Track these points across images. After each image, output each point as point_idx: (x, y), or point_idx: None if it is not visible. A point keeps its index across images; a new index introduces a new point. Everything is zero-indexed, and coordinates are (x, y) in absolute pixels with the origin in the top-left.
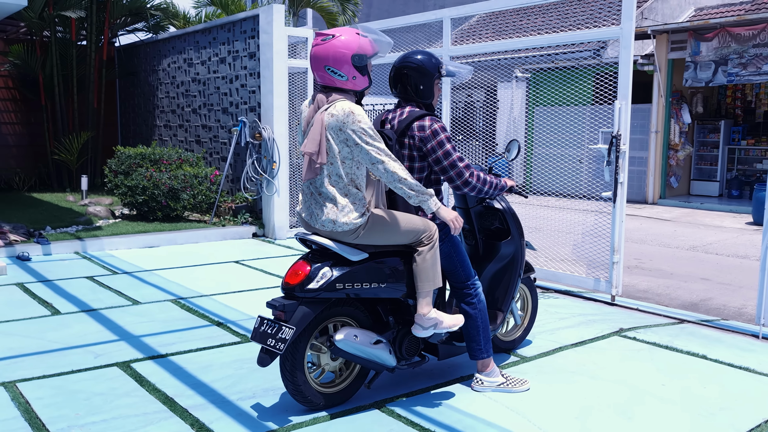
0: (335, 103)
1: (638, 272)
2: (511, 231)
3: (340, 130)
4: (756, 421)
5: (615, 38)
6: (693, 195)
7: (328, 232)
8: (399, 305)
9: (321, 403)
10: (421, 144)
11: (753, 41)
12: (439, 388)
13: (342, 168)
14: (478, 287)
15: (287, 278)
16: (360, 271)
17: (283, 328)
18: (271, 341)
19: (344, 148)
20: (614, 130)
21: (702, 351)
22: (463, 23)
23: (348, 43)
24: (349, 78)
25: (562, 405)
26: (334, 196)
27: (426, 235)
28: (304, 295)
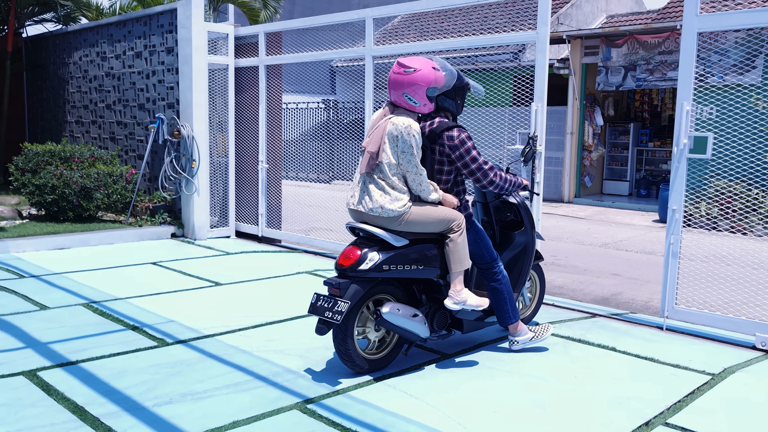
0: (397, 116)
1: (554, 269)
2: (524, 222)
3: (397, 138)
4: (660, 408)
5: (532, 42)
6: (605, 194)
7: (375, 217)
8: (431, 285)
9: (366, 367)
10: (450, 151)
11: (659, 48)
12: (360, 387)
13: (393, 167)
14: (501, 266)
15: (341, 260)
16: (402, 254)
17: (338, 302)
18: (329, 313)
19: (396, 153)
20: (531, 130)
21: (612, 343)
22: (387, 23)
23: (426, 76)
24: (421, 104)
25: (481, 400)
26: (384, 186)
27: (456, 224)
28: (355, 275)
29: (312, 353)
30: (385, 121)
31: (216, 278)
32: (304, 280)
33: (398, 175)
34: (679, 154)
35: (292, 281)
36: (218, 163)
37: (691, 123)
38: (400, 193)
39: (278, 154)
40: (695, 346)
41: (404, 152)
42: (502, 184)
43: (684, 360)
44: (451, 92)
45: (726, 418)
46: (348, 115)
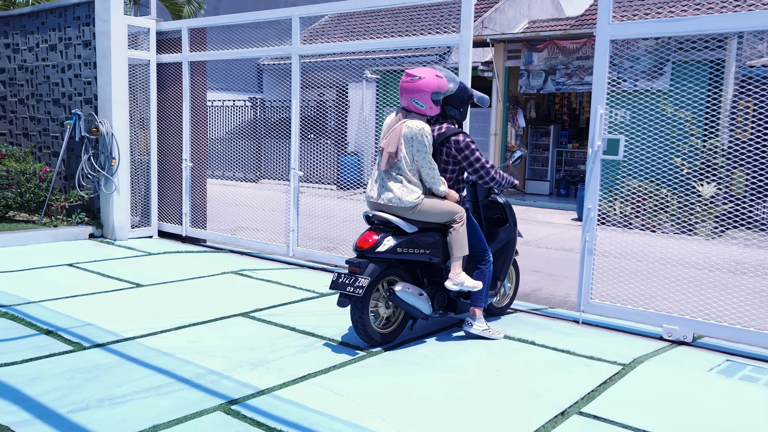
0: (411, 120)
1: None
2: (509, 220)
3: (412, 138)
4: (575, 398)
5: (456, 45)
6: (528, 193)
7: (393, 207)
8: (431, 269)
9: (378, 339)
10: (456, 153)
11: (577, 54)
12: (285, 387)
13: (410, 164)
14: (490, 255)
15: (360, 243)
16: (413, 240)
17: (359, 279)
18: (350, 288)
19: (411, 152)
20: None
21: (531, 337)
22: (315, 22)
23: (429, 83)
24: (427, 108)
25: (405, 395)
26: (402, 180)
27: (458, 216)
28: (373, 256)
29: (237, 354)
30: (400, 125)
31: (137, 279)
32: (229, 280)
33: (413, 171)
34: (594, 156)
35: (217, 281)
36: (140, 161)
37: (605, 126)
38: (416, 187)
39: (203, 153)
40: (608, 338)
41: (419, 150)
42: (500, 180)
43: (598, 352)
44: (457, 102)
45: (635, 404)
46: (275, 113)
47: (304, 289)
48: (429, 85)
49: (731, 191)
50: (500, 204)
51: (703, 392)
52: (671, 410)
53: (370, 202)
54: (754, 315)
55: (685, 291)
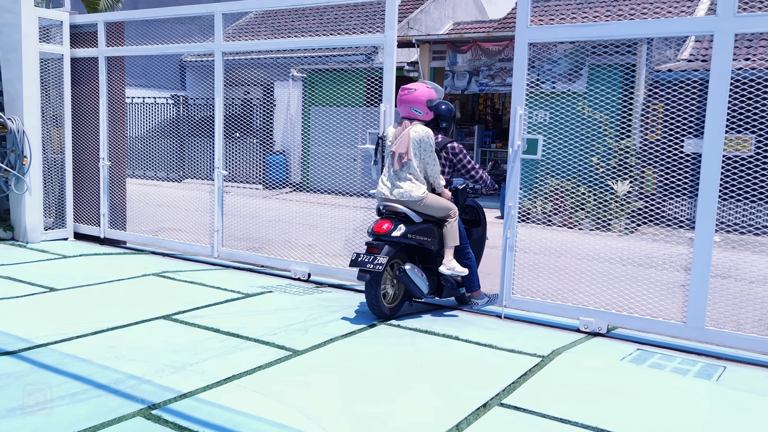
0: (416, 126)
1: None
2: (481, 221)
3: (420, 141)
4: (496, 390)
5: (380, 45)
6: None
7: (403, 201)
8: (427, 256)
9: (387, 313)
10: (452, 157)
11: (499, 56)
12: (209, 389)
13: (417, 164)
14: (469, 249)
15: (376, 229)
16: (420, 228)
17: (377, 257)
18: (370, 265)
19: (419, 152)
20: (380, 131)
21: (455, 333)
22: (239, 19)
23: (423, 93)
24: (424, 113)
25: (331, 393)
26: (411, 178)
27: (453, 211)
28: (388, 239)
29: (158, 357)
30: (408, 130)
31: (51, 283)
32: (150, 282)
33: (420, 169)
34: (514, 155)
35: (137, 284)
36: (53, 160)
37: (525, 126)
38: (422, 184)
39: (122, 151)
40: (529, 331)
41: (426, 150)
42: (487, 180)
43: (519, 345)
44: (448, 118)
45: (553, 394)
46: (199, 111)
47: (229, 290)
48: (423, 94)
49: (643, 189)
50: (475, 208)
51: (615, 380)
52: (586, 398)
53: (381, 198)
54: (663, 306)
55: (600, 284)
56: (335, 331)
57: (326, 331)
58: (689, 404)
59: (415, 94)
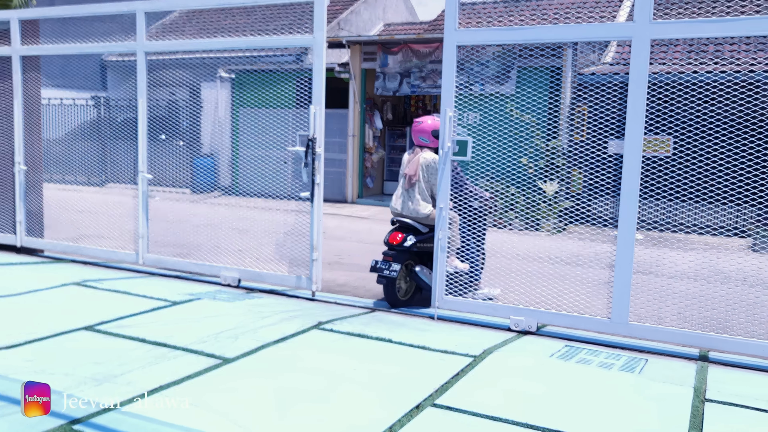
0: (425, 152)
1: (338, 267)
2: None
3: (427, 166)
4: (429, 391)
5: (309, 46)
6: (386, 194)
7: (413, 216)
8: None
9: (401, 304)
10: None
11: (430, 58)
12: (134, 401)
13: (425, 184)
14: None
15: (390, 240)
16: (426, 237)
17: (392, 264)
18: (386, 271)
19: (426, 175)
20: (310, 133)
21: (388, 335)
22: (164, 17)
23: (429, 126)
24: (430, 142)
25: (263, 400)
26: (418, 198)
27: (454, 221)
28: (400, 248)
29: (80, 370)
30: (418, 156)
31: None
32: (71, 292)
33: (427, 189)
34: (444, 157)
35: (57, 294)
36: None
37: (455, 128)
38: (428, 202)
39: (38, 155)
40: (461, 332)
41: (432, 173)
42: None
43: (451, 345)
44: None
45: (484, 393)
46: (122, 113)
47: (156, 299)
48: (429, 126)
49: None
50: None
51: (544, 376)
52: (517, 395)
53: (395, 212)
54: (590, 303)
55: (530, 283)
56: (267, 337)
57: (258, 337)
58: (613, 397)
59: (422, 126)
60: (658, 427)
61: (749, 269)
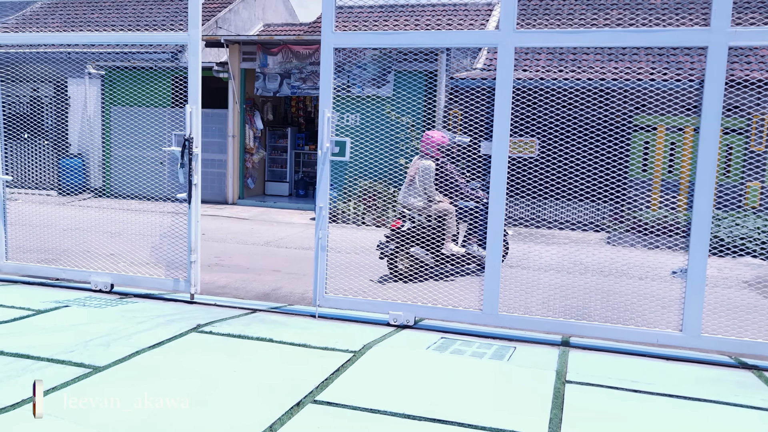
0: (424, 159)
1: (218, 269)
2: None
3: (423, 170)
4: (310, 388)
5: (184, 43)
6: (268, 195)
7: (409, 207)
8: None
9: (405, 280)
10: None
11: (310, 59)
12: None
13: (419, 184)
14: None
15: (393, 225)
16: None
17: (389, 245)
18: (386, 250)
19: (422, 177)
20: (187, 133)
21: (269, 335)
22: (25, 8)
23: (435, 141)
24: (433, 152)
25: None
26: (414, 194)
27: (447, 213)
28: (398, 232)
29: None
30: (419, 162)
31: None
32: None
33: (421, 188)
34: (323, 157)
35: None
36: None
37: (333, 129)
38: (420, 198)
39: None
40: (342, 328)
41: (426, 176)
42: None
43: (332, 342)
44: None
45: (364, 387)
46: None
47: (17, 308)
48: (434, 141)
49: None
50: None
51: (421, 368)
52: (395, 387)
53: (400, 204)
54: (464, 296)
55: (408, 279)
56: (142, 342)
57: (132, 343)
58: (484, 383)
59: (431, 140)
60: (524, 408)
61: (604, 261)
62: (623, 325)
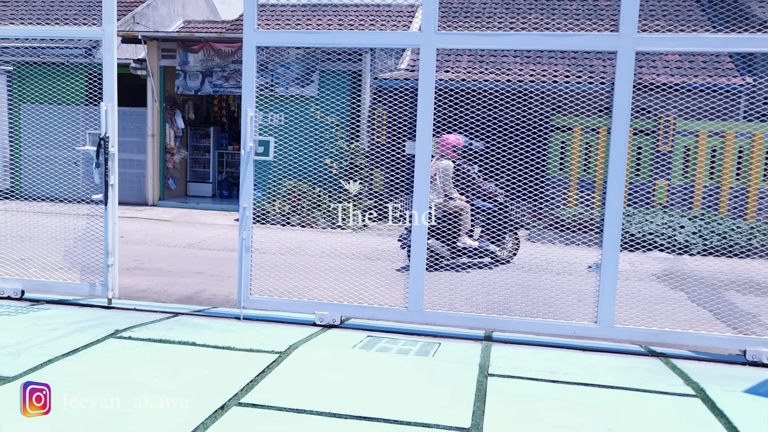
0: (443, 160)
1: (138, 273)
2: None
3: (442, 169)
4: (234, 390)
5: (98, 39)
6: (190, 196)
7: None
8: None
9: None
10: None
11: (233, 57)
12: None
13: (439, 182)
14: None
15: None
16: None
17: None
18: (407, 240)
19: (441, 176)
20: (102, 131)
21: (192, 338)
22: None
23: (449, 142)
24: (449, 154)
25: (53, 417)
26: (433, 191)
27: (462, 210)
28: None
29: None
30: (438, 162)
31: None
32: None
33: (440, 185)
34: (247, 157)
35: None
36: None
37: (257, 128)
38: (439, 195)
39: None
40: (267, 330)
41: (445, 175)
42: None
43: (257, 344)
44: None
45: (289, 387)
46: None
47: None
48: (449, 143)
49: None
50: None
51: (347, 366)
52: (321, 386)
53: None
54: (390, 295)
55: (335, 279)
56: (55, 350)
57: (44, 352)
58: (410, 380)
59: (447, 141)
60: (449, 402)
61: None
62: (542, 319)
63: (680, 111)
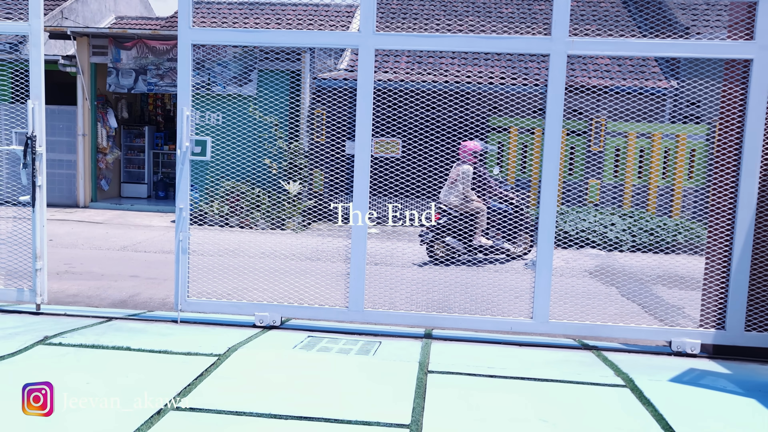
0: (464, 165)
1: (69, 277)
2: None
3: (463, 173)
4: (171, 394)
5: (25, 34)
6: (124, 197)
7: (446, 204)
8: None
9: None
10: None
11: (168, 55)
12: None
13: (459, 185)
14: None
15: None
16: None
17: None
18: (427, 238)
19: (462, 179)
20: (29, 130)
21: (127, 343)
22: None
23: (469, 149)
24: (469, 159)
25: None
26: (453, 193)
27: (479, 211)
28: (436, 224)
29: None
30: (459, 167)
31: None
32: None
33: (461, 188)
34: (183, 156)
35: None
36: None
37: (193, 127)
38: (460, 197)
39: None
40: (206, 332)
41: (465, 178)
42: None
43: (195, 347)
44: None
45: (229, 390)
46: None
47: None
48: (469, 149)
49: (313, 188)
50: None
51: (288, 367)
52: (261, 388)
53: (443, 202)
54: (330, 295)
55: (275, 280)
56: None
57: None
58: (350, 379)
59: (468, 147)
60: (390, 399)
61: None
62: (480, 316)
63: (610, 113)
